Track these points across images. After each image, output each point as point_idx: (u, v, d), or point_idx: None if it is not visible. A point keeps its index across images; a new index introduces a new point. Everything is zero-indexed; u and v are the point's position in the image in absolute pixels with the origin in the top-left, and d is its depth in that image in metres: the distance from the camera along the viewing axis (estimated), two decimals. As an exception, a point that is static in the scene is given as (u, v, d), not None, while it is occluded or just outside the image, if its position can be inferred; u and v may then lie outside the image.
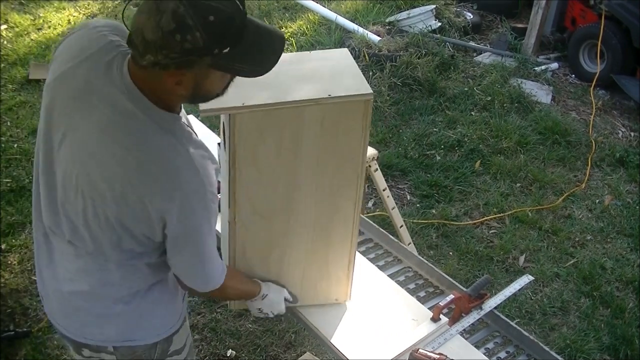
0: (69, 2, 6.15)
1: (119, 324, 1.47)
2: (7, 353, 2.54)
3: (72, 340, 1.51)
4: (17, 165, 3.67)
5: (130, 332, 1.48)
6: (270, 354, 2.62)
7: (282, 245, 1.65)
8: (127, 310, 1.45)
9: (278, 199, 1.57)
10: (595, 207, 3.67)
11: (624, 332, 2.78)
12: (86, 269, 1.43)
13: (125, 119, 1.28)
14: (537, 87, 4.89)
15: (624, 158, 4.11)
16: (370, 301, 1.83)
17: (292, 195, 1.57)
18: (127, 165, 1.28)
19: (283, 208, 1.59)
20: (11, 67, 4.80)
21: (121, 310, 1.45)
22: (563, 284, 3.07)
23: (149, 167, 1.28)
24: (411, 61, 4.79)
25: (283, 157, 1.51)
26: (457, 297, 1.75)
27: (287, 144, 1.50)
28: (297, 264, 1.70)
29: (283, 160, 1.52)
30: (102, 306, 1.45)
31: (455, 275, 2.91)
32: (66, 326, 1.51)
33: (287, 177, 1.55)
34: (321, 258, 1.70)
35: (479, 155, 4.01)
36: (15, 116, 4.20)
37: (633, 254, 3.30)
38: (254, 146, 1.48)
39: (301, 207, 1.60)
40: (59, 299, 1.50)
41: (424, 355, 1.57)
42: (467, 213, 3.55)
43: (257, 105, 1.44)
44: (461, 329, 1.73)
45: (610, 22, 4.83)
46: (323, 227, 1.64)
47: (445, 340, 1.68)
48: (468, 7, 6.07)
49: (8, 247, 3.08)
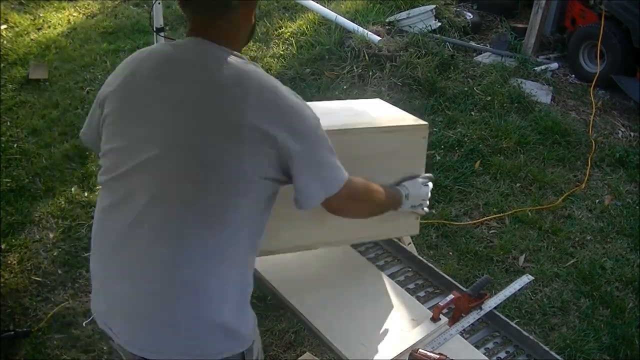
0: (69, 2, 6.15)
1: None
2: (6, 353, 2.54)
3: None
4: (17, 165, 3.68)
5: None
6: (270, 354, 2.62)
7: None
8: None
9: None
10: (595, 207, 3.67)
11: (624, 332, 2.78)
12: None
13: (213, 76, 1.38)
14: (537, 87, 4.89)
15: (623, 158, 4.11)
16: (370, 301, 1.83)
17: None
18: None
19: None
20: (11, 67, 4.80)
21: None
22: (563, 284, 3.06)
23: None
24: (411, 61, 4.79)
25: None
26: (457, 297, 1.75)
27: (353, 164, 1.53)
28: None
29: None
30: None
31: (455, 275, 2.91)
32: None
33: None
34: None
35: (478, 155, 4.01)
36: (15, 116, 4.20)
37: (633, 254, 3.30)
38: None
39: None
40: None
41: (424, 355, 1.57)
42: (467, 213, 3.54)
43: (336, 131, 1.61)
44: (461, 329, 1.73)
45: (610, 22, 4.84)
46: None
47: (445, 340, 1.68)
48: (468, 7, 6.07)
49: (8, 247, 3.08)
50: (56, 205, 3.37)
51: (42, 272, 2.96)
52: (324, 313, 1.77)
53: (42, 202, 3.40)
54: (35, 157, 3.75)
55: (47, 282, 2.91)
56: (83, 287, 2.89)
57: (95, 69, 4.89)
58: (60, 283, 2.91)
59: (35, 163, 3.69)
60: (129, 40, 5.40)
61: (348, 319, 1.75)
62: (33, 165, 3.68)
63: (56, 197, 3.44)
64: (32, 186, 3.51)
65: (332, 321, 1.74)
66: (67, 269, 2.98)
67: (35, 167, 3.66)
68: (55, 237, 3.17)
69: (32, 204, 3.38)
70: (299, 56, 4.89)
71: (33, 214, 3.31)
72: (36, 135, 4.00)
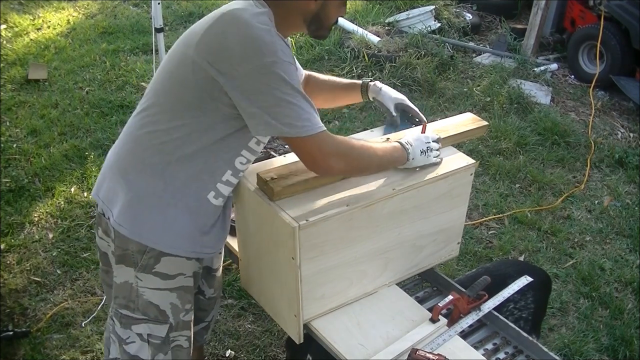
0: (68, 2, 6.16)
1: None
2: (5, 353, 2.54)
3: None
4: (16, 165, 3.68)
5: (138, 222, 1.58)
6: (270, 354, 2.62)
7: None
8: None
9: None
10: (594, 208, 3.67)
11: (623, 333, 2.78)
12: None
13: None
14: (537, 87, 4.90)
15: (623, 159, 4.12)
16: (369, 302, 1.83)
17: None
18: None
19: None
20: (10, 67, 4.81)
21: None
22: (562, 285, 3.07)
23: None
24: (410, 62, 4.79)
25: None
26: (456, 298, 1.75)
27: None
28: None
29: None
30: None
31: (454, 276, 2.91)
32: None
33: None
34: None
35: (478, 156, 4.01)
36: (15, 116, 4.20)
37: (632, 255, 3.31)
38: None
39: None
40: None
41: (423, 356, 1.57)
42: (466, 213, 3.54)
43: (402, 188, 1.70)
44: (460, 330, 1.73)
45: (609, 23, 4.84)
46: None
47: (444, 341, 1.68)
48: (467, 8, 6.08)
49: (7, 247, 3.08)
50: (55, 206, 3.37)
51: (41, 272, 2.96)
52: (322, 313, 1.76)
53: (41, 202, 3.40)
54: (34, 157, 3.75)
55: (46, 282, 2.91)
56: (82, 287, 2.89)
57: (95, 69, 4.89)
58: (59, 283, 2.91)
59: (34, 163, 3.69)
60: (129, 40, 5.40)
61: (347, 319, 1.75)
62: (32, 165, 3.68)
63: (55, 197, 3.44)
64: (32, 186, 3.51)
65: (331, 321, 1.74)
66: (66, 269, 2.98)
67: (34, 167, 3.66)
68: (55, 237, 3.17)
69: (32, 204, 3.38)
70: (299, 57, 4.89)
71: (32, 214, 3.31)
72: (35, 135, 4.00)
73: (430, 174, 1.76)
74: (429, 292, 1.98)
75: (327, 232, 1.57)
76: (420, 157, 1.73)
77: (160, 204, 1.57)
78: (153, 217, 1.57)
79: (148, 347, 1.69)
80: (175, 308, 1.69)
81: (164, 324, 1.69)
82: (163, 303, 1.67)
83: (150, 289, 1.64)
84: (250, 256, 1.82)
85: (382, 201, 1.64)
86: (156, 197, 1.56)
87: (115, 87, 4.66)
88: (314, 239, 1.55)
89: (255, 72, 1.41)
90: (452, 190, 1.84)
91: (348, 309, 1.79)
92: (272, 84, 1.41)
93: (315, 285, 1.63)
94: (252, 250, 1.80)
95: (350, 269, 1.70)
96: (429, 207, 1.81)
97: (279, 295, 1.72)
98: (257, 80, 1.41)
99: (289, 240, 1.53)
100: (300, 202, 1.59)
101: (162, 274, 1.63)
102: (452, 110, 4.48)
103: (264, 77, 1.41)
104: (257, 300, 1.90)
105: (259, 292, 1.85)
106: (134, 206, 1.57)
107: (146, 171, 1.57)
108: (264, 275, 1.76)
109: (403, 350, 1.64)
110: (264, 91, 1.42)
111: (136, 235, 1.58)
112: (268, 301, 1.82)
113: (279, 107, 1.42)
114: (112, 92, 4.58)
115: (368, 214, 1.63)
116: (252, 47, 1.41)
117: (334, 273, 1.67)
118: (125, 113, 4.29)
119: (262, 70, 1.40)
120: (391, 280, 1.89)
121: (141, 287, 1.64)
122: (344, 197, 1.62)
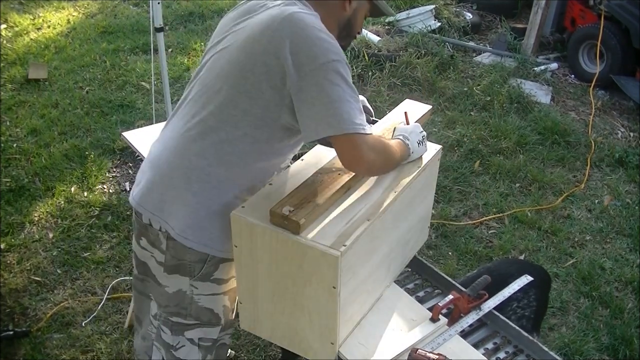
0: (68, 2, 6.15)
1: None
2: (6, 353, 2.54)
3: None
4: (16, 165, 3.68)
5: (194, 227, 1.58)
6: (270, 354, 2.62)
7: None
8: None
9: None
10: (594, 207, 3.67)
11: (623, 333, 2.78)
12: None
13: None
14: (537, 87, 4.90)
15: (623, 158, 4.12)
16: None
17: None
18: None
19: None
20: (10, 67, 4.81)
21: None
22: (562, 284, 3.07)
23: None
24: (410, 61, 4.79)
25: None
26: (456, 298, 1.75)
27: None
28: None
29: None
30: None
31: (454, 276, 2.91)
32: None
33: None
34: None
35: (478, 156, 4.02)
36: (15, 116, 4.20)
37: (632, 254, 3.31)
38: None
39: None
40: None
41: (423, 356, 1.57)
42: (466, 213, 3.55)
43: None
44: (460, 329, 1.73)
45: (609, 23, 4.84)
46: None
47: (444, 341, 1.68)
48: (467, 7, 6.08)
49: (7, 247, 3.08)
50: (55, 205, 3.37)
51: (41, 271, 2.96)
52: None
53: (41, 202, 3.40)
54: (34, 157, 3.75)
55: (47, 281, 2.91)
56: (82, 287, 2.89)
57: (95, 68, 4.89)
58: (59, 283, 2.91)
59: (34, 163, 3.69)
60: (129, 40, 5.40)
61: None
62: (32, 164, 3.68)
63: (55, 196, 3.44)
64: (32, 186, 3.51)
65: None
66: (66, 268, 2.98)
67: (34, 166, 3.66)
68: (55, 236, 3.17)
69: (32, 204, 3.38)
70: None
71: (32, 213, 3.31)
72: (36, 134, 4.00)
73: (413, 168, 1.77)
74: (429, 292, 1.98)
75: (357, 251, 1.53)
76: (418, 148, 1.76)
77: (225, 211, 1.56)
78: (216, 225, 1.58)
79: (198, 350, 1.71)
80: (226, 309, 1.72)
81: (217, 326, 1.71)
82: (217, 307, 1.69)
83: (206, 295, 1.65)
84: (260, 297, 1.68)
85: (390, 206, 1.64)
86: (222, 206, 1.57)
87: (116, 86, 4.66)
88: (349, 262, 1.50)
89: (321, 70, 1.44)
90: (428, 177, 1.87)
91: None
92: (336, 81, 1.45)
93: (346, 308, 1.60)
94: (263, 291, 1.65)
95: (369, 280, 1.70)
96: (415, 199, 1.83)
97: (308, 328, 1.62)
98: (323, 77, 1.44)
99: (328, 271, 1.46)
100: (322, 228, 1.52)
101: (218, 280, 1.65)
102: (452, 110, 4.48)
103: (328, 73, 1.44)
104: (267, 337, 1.78)
105: (271, 330, 1.73)
106: (201, 217, 1.57)
107: (211, 182, 1.56)
108: (284, 312, 1.65)
109: (403, 350, 1.64)
110: (326, 88, 1.44)
111: (202, 246, 1.58)
112: (288, 336, 1.70)
113: (341, 102, 1.45)
114: (112, 91, 4.58)
115: (382, 222, 1.63)
116: (322, 46, 1.45)
117: (360, 289, 1.65)
118: (125, 112, 4.29)
119: (328, 67, 1.44)
120: (391, 280, 1.89)
121: (196, 294, 1.64)
122: (359, 212, 1.59)
